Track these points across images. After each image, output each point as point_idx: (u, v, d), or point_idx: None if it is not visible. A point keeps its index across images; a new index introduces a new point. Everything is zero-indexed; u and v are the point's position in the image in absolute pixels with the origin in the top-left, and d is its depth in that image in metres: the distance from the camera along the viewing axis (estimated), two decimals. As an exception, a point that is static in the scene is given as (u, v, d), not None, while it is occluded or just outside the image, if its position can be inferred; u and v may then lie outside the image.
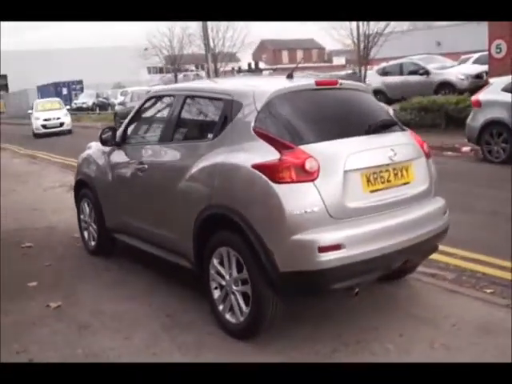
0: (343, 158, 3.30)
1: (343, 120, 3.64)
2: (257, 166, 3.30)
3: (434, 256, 5.13)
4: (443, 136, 12.09)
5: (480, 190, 7.50)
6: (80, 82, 39.08)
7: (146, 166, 4.42)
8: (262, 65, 60.10)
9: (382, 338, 3.54)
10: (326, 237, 3.17)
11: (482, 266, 4.81)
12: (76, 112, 32.51)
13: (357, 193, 3.34)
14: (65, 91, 37.96)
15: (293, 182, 3.20)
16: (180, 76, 31.52)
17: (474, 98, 9.83)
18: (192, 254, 3.88)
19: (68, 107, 26.97)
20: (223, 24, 22.96)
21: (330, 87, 3.82)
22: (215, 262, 3.68)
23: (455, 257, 5.09)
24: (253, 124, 3.50)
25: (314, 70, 36.74)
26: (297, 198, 3.19)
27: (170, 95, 4.54)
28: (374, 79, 17.74)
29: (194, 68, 38.74)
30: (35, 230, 6.71)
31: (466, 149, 10.79)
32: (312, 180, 3.20)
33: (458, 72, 16.09)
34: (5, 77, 42.54)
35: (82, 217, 5.70)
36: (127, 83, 35.74)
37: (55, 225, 6.85)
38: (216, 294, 3.74)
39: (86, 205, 5.56)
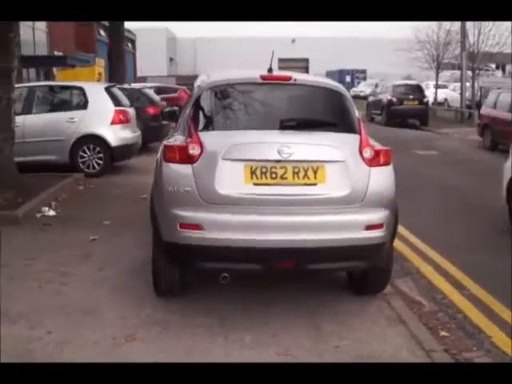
0: (225, 148, 3.48)
1: (263, 114, 3.74)
2: (164, 146, 3.80)
3: (444, 286, 4.57)
4: None
5: None
6: (363, 71, 40.12)
7: None
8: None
9: (240, 326, 3.62)
10: (188, 215, 3.47)
11: (479, 311, 4.11)
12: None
13: (234, 182, 3.46)
14: (348, 78, 39.55)
15: (176, 162, 3.59)
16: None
17: None
18: None
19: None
20: (487, 23, 20.47)
21: (280, 82, 3.90)
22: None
23: (465, 293, 4.42)
24: (187, 111, 3.94)
25: None
26: (175, 177, 3.57)
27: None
28: None
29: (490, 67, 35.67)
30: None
31: None
32: (191, 163, 3.51)
33: None
34: (306, 60, 44.23)
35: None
36: (418, 77, 34.63)
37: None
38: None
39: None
